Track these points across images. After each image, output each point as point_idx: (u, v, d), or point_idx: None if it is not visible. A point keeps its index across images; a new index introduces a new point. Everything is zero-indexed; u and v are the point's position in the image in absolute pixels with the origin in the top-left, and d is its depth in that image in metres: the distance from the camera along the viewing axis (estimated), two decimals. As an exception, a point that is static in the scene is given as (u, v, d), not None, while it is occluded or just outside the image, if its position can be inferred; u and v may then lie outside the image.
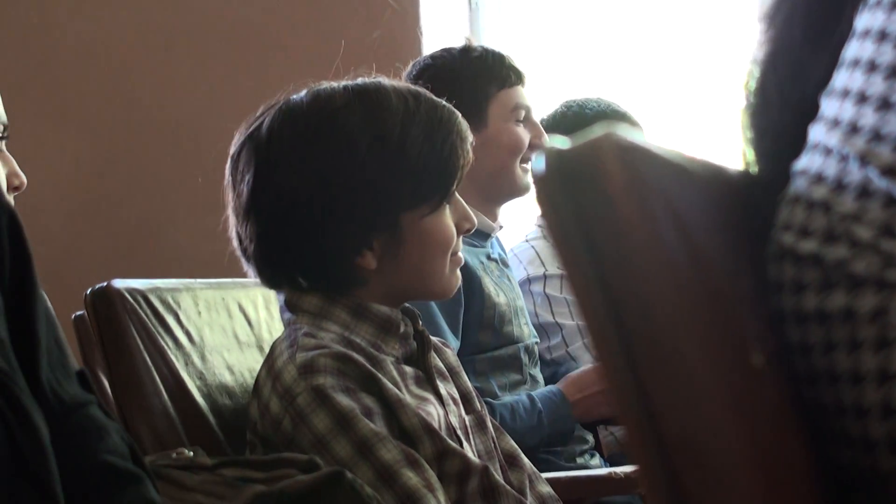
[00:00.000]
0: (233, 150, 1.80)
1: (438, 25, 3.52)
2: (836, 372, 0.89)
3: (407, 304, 1.85)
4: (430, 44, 3.43)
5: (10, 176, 1.91)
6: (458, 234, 1.83)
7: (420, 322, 1.85)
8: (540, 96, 3.06)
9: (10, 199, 1.89)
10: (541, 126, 2.77)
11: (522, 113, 2.70)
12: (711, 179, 0.97)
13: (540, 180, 0.80)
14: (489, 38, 3.68)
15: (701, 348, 0.80)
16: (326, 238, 1.73)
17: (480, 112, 2.64)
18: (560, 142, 0.81)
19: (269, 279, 1.82)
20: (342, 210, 1.72)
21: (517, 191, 2.75)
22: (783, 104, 1.12)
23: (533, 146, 2.74)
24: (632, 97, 3.44)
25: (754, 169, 1.12)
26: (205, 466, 1.53)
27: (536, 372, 2.72)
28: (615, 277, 0.79)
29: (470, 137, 1.82)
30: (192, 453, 1.56)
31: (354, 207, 1.72)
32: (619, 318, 0.79)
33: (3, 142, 1.92)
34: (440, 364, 1.88)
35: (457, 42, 2.81)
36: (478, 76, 2.67)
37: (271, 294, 2.01)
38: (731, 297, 0.88)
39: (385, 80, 1.82)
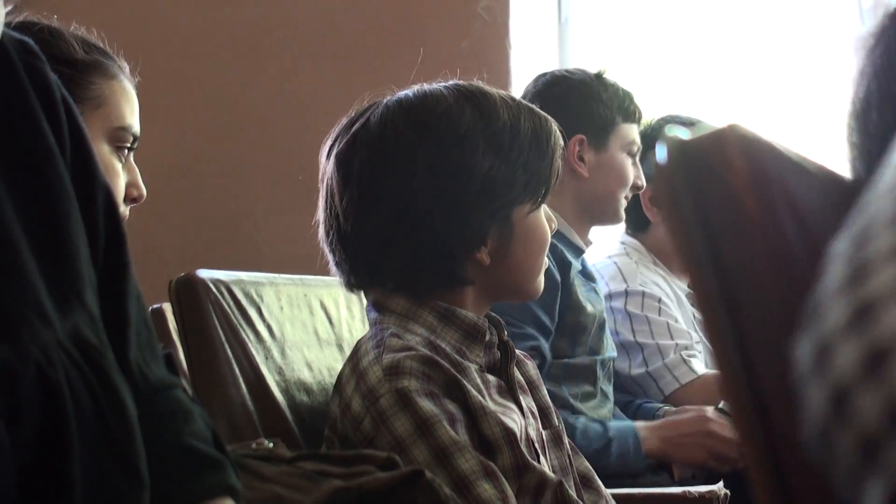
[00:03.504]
0: (337, 148, 1.78)
1: (527, 38, 3.52)
2: None
3: (492, 313, 1.84)
4: (519, 56, 3.43)
5: (131, 186, 1.90)
6: None
7: (505, 332, 1.84)
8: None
9: (126, 210, 1.89)
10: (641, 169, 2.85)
11: (635, 149, 2.80)
12: (828, 182, 0.95)
13: (661, 170, 0.79)
14: (578, 53, 3.67)
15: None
16: (449, 233, 1.72)
17: (604, 136, 2.78)
18: (680, 132, 0.79)
19: (367, 280, 1.80)
20: (464, 205, 1.72)
21: (614, 219, 2.85)
22: (890, 111, 1.10)
23: (634, 186, 2.85)
24: (722, 113, 3.42)
25: (862, 176, 1.10)
26: (284, 458, 1.52)
27: (609, 388, 2.73)
28: (732, 270, 0.78)
29: (562, 141, 1.83)
30: (271, 444, 1.55)
31: (476, 202, 1.72)
32: (735, 312, 0.77)
33: (132, 153, 1.92)
34: (520, 377, 1.87)
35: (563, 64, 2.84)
36: (609, 102, 2.77)
37: (353, 294, 2.01)
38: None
39: (481, 83, 1.82)
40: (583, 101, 2.78)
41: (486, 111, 1.75)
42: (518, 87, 3.37)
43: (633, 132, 2.81)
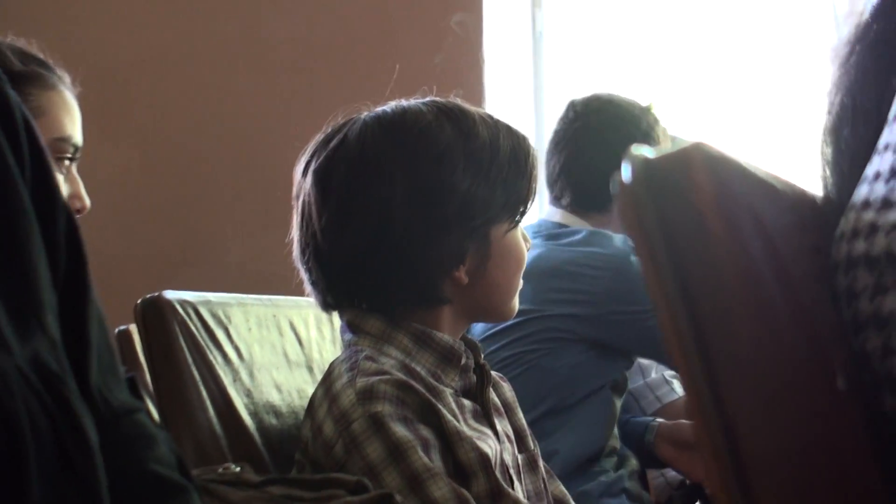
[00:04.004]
0: (315, 164, 1.76)
1: (501, 52, 3.50)
2: (893, 377, 0.86)
3: (468, 336, 1.82)
4: (493, 70, 3.41)
5: (73, 198, 1.88)
6: None
7: (482, 355, 1.82)
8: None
9: None
10: None
11: None
12: (797, 200, 0.94)
13: (626, 188, 0.77)
14: (552, 67, 3.67)
15: (784, 368, 0.76)
16: (427, 251, 1.70)
17: None
18: (646, 150, 0.78)
19: (343, 298, 1.78)
20: (443, 222, 1.70)
21: None
22: (862, 127, 1.10)
23: None
24: (698, 126, 3.43)
25: (832, 192, 1.09)
26: (251, 483, 1.49)
27: None
28: (698, 291, 0.76)
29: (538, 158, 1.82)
30: (238, 469, 1.53)
31: (454, 220, 1.70)
32: (700, 332, 0.75)
33: (74, 164, 1.89)
34: (496, 399, 1.85)
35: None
36: (650, 131, 2.75)
37: (323, 314, 1.98)
38: (815, 319, 0.84)
39: (458, 100, 1.80)
40: (632, 132, 2.74)
41: (466, 129, 1.73)
42: (492, 101, 3.36)
43: None
